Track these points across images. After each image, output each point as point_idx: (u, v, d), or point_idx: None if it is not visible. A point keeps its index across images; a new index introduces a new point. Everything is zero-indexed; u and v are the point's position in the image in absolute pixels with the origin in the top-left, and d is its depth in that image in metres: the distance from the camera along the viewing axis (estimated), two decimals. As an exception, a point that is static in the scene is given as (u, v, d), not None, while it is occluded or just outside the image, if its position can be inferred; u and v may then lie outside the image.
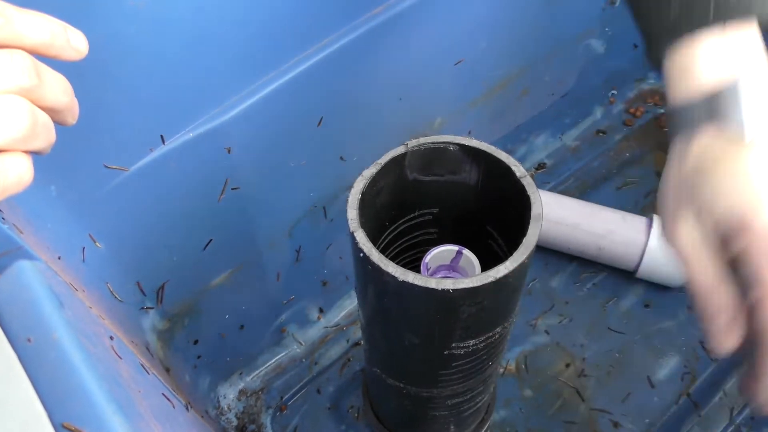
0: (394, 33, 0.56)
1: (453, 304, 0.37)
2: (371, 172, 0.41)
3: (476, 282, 0.35)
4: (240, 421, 0.68)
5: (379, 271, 0.37)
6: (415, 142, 0.42)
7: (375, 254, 0.37)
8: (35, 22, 0.23)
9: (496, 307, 0.40)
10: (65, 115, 0.26)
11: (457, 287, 0.35)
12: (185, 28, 0.44)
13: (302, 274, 0.68)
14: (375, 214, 0.44)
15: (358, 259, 0.39)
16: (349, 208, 0.39)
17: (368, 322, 0.47)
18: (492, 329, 0.42)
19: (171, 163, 0.49)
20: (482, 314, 0.39)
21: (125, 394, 0.32)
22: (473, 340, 0.42)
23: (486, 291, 0.36)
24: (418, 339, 0.42)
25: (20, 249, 0.34)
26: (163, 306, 0.56)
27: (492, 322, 0.41)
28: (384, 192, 0.43)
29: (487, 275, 0.36)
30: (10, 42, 0.23)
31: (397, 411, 0.58)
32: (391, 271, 0.36)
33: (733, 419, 0.66)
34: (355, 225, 0.38)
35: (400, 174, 0.43)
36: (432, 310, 0.39)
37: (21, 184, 0.23)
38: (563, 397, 0.68)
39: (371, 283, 0.40)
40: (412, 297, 0.38)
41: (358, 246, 0.38)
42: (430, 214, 0.48)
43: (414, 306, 0.39)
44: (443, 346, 0.42)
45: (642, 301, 0.75)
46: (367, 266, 0.38)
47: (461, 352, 0.43)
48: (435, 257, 0.45)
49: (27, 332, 0.30)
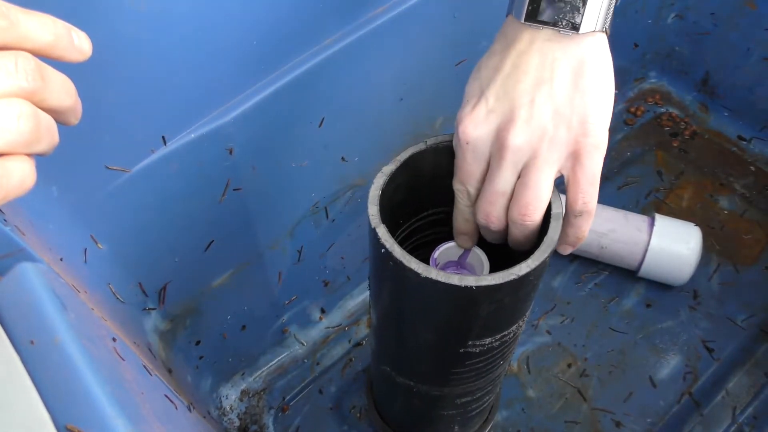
0: (395, 33, 0.56)
1: (474, 302, 0.37)
2: (390, 168, 0.41)
3: (499, 279, 0.36)
4: (242, 422, 0.68)
5: (401, 267, 0.36)
6: (434, 140, 0.42)
7: (397, 250, 0.37)
8: (39, 24, 0.23)
9: (515, 304, 0.40)
10: (68, 116, 0.25)
11: (480, 284, 0.35)
12: (187, 29, 0.44)
13: (304, 275, 0.68)
14: (390, 212, 0.44)
15: (378, 255, 0.39)
16: (369, 204, 0.39)
17: (382, 319, 0.47)
18: (508, 327, 0.42)
19: (172, 164, 0.49)
20: (501, 312, 0.39)
21: (128, 396, 0.32)
22: (489, 338, 0.42)
23: (508, 288, 0.36)
24: (434, 336, 0.42)
25: (22, 251, 0.34)
26: (165, 307, 0.56)
27: (509, 319, 0.41)
28: (401, 189, 0.43)
29: (510, 273, 0.36)
30: (13, 44, 0.23)
31: (404, 410, 0.58)
32: (414, 267, 0.36)
33: (736, 418, 0.66)
34: (377, 221, 0.38)
35: (417, 171, 0.44)
36: (452, 307, 0.39)
37: (23, 187, 0.23)
38: (565, 397, 0.68)
39: (390, 280, 0.40)
40: (433, 293, 0.38)
41: (380, 242, 0.37)
42: (443, 212, 0.48)
43: (434, 302, 0.39)
44: (459, 343, 0.42)
45: (643, 301, 0.75)
46: (388, 262, 0.37)
47: (477, 350, 0.43)
48: (444, 253, 0.45)
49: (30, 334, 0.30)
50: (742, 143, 0.88)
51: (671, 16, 0.88)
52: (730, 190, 0.84)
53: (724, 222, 0.81)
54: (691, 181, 0.85)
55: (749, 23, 0.81)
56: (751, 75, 0.84)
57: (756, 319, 0.73)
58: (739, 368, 0.69)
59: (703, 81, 0.91)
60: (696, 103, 0.92)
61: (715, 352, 0.71)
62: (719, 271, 0.77)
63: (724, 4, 0.82)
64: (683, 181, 0.85)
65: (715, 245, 0.79)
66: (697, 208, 0.82)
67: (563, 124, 0.36)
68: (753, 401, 0.67)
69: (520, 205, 0.38)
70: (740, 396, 0.68)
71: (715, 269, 0.77)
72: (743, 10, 0.81)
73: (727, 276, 0.76)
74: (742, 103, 0.88)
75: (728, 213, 0.82)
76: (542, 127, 0.36)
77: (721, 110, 0.91)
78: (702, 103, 0.92)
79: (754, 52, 0.82)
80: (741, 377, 0.69)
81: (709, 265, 0.77)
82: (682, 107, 0.93)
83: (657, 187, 0.85)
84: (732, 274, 0.76)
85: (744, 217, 0.81)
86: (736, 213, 0.82)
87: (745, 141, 0.88)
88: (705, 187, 0.85)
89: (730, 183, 0.85)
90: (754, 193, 0.84)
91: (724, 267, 0.77)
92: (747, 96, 0.86)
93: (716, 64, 0.88)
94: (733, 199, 0.83)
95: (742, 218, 0.81)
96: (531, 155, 0.37)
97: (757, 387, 0.68)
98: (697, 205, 0.83)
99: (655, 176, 0.86)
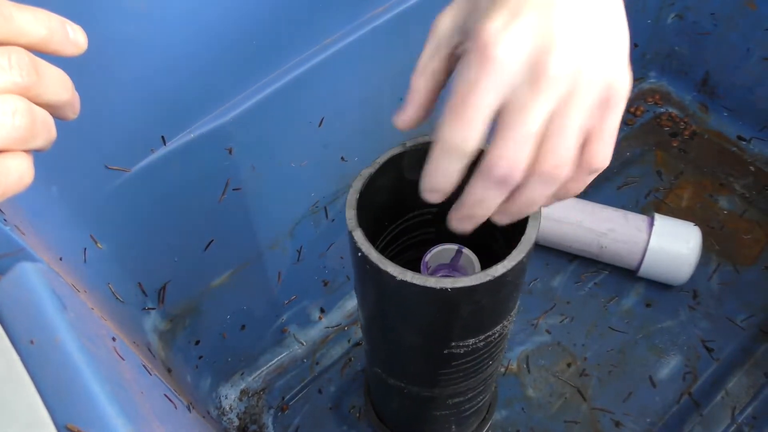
0: (395, 33, 0.56)
1: (452, 303, 0.37)
2: (369, 171, 0.41)
3: (475, 281, 0.35)
4: (241, 422, 0.68)
5: (377, 270, 0.37)
6: (413, 142, 0.42)
7: (373, 253, 0.37)
8: (33, 19, 0.23)
9: (496, 305, 0.40)
10: (66, 111, 0.25)
11: (455, 286, 0.35)
12: (186, 28, 0.44)
13: (303, 274, 0.68)
14: (374, 214, 0.44)
15: (356, 259, 0.39)
16: (347, 208, 0.39)
17: (368, 322, 0.47)
18: (492, 328, 0.42)
19: (172, 164, 0.49)
20: (481, 313, 0.39)
21: (128, 396, 0.32)
22: (473, 339, 0.42)
23: (485, 290, 0.36)
24: (418, 338, 0.42)
25: (22, 250, 0.34)
26: (164, 307, 0.56)
27: (491, 320, 0.41)
28: (383, 191, 0.43)
29: (486, 274, 0.36)
30: (7, 39, 0.22)
31: (399, 411, 0.58)
32: (390, 271, 0.36)
33: (735, 418, 0.66)
34: (353, 224, 0.38)
35: (398, 173, 0.43)
36: (431, 308, 0.39)
37: (21, 184, 0.23)
38: (565, 397, 0.68)
39: (370, 283, 0.40)
40: (411, 296, 0.38)
41: (356, 245, 0.38)
42: (429, 213, 0.48)
43: (413, 305, 0.39)
44: (443, 345, 0.42)
45: (643, 301, 0.75)
46: (365, 266, 0.38)
47: (461, 351, 0.43)
48: (435, 256, 0.45)
49: (30, 334, 0.30)
50: (742, 143, 0.88)
51: (671, 16, 0.88)
52: (729, 190, 0.84)
53: (724, 222, 0.81)
54: (690, 181, 0.85)
55: (749, 23, 0.81)
56: (751, 75, 0.84)
57: (756, 319, 0.73)
58: (738, 368, 0.69)
59: (703, 81, 0.91)
60: (696, 103, 0.92)
61: (714, 352, 0.71)
62: (719, 271, 0.77)
63: (724, 4, 0.82)
64: (683, 181, 0.85)
65: (714, 245, 0.79)
66: (696, 208, 0.82)
67: (602, 63, 0.30)
68: (752, 401, 0.67)
69: (555, 154, 0.30)
70: (740, 396, 0.68)
71: (714, 269, 0.77)
72: (743, 10, 0.81)
73: (727, 276, 0.76)
74: (742, 103, 0.88)
75: (728, 213, 0.82)
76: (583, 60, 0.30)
77: (721, 110, 0.91)
78: (702, 103, 0.92)
79: (754, 53, 0.82)
80: (740, 377, 0.69)
81: (708, 265, 0.77)
82: (682, 107, 0.93)
83: (656, 187, 0.85)
84: (732, 274, 0.76)
85: (744, 217, 0.81)
86: (736, 213, 0.82)
87: (744, 141, 0.88)
88: (705, 187, 0.85)
89: (729, 183, 0.85)
90: (753, 193, 0.84)
91: (723, 267, 0.77)
92: (747, 96, 0.86)
93: (716, 64, 0.88)
94: (732, 199, 0.83)
95: (741, 218, 0.81)
96: (567, 92, 0.30)
97: (757, 387, 0.68)
98: (697, 205, 0.83)
99: (655, 176, 0.86)
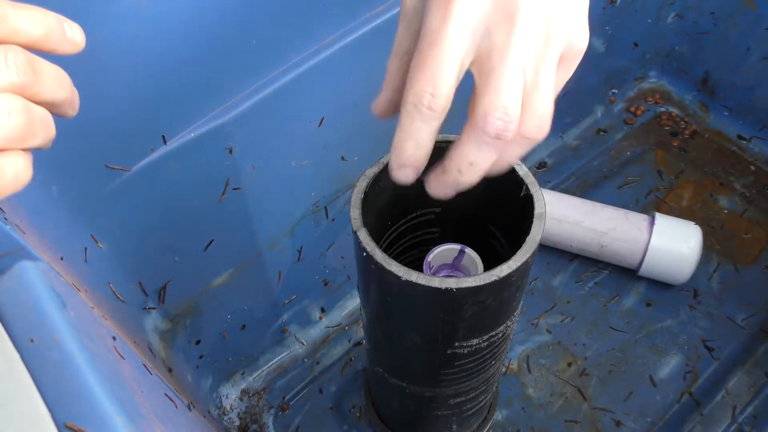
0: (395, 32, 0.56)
1: (456, 303, 0.37)
2: (374, 171, 0.41)
3: (479, 281, 0.35)
4: (242, 421, 0.68)
5: (382, 270, 0.37)
6: None
7: (378, 253, 0.37)
8: (30, 17, 0.23)
9: (499, 306, 0.40)
10: (65, 108, 0.25)
11: (460, 286, 0.35)
12: (187, 28, 0.44)
13: (304, 274, 0.68)
14: (377, 214, 0.44)
15: (360, 259, 0.39)
16: (351, 207, 0.39)
17: (371, 321, 0.47)
18: (495, 328, 0.42)
19: (173, 163, 0.49)
20: (485, 313, 0.39)
21: (128, 395, 0.32)
22: (476, 339, 0.42)
23: (489, 290, 0.36)
24: (420, 338, 0.42)
25: (23, 249, 0.34)
26: (165, 306, 0.56)
27: (495, 321, 0.41)
28: (386, 191, 0.43)
29: (491, 274, 0.36)
30: (4, 38, 0.22)
31: (400, 411, 0.58)
32: (395, 270, 0.36)
33: (736, 418, 0.66)
34: (358, 224, 0.38)
35: None
36: (435, 309, 0.39)
37: (19, 183, 0.23)
38: (565, 396, 0.68)
39: (374, 283, 0.40)
40: (416, 296, 0.37)
41: (361, 245, 0.38)
42: (432, 213, 0.48)
43: (417, 305, 0.39)
44: (446, 345, 0.42)
45: (644, 300, 0.75)
46: (370, 265, 0.38)
47: (464, 351, 0.43)
48: (437, 256, 0.45)
49: (30, 333, 0.30)
50: (742, 143, 0.88)
51: (671, 16, 0.88)
52: (730, 189, 0.84)
53: (724, 221, 0.81)
54: (691, 181, 0.85)
55: (749, 23, 0.81)
56: (751, 75, 0.84)
57: (756, 318, 0.73)
58: (739, 368, 0.69)
59: (703, 80, 0.91)
60: (696, 103, 0.92)
61: (715, 352, 0.71)
62: (719, 270, 0.77)
63: (724, 4, 0.82)
64: (683, 180, 0.85)
65: (715, 244, 0.79)
66: (697, 208, 0.82)
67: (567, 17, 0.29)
68: (753, 401, 0.67)
69: (538, 110, 0.29)
70: (740, 395, 0.68)
71: (715, 268, 0.77)
72: (743, 10, 0.81)
73: (727, 275, 0.76)
74: (742, 102, 0.88)
75: (728, 212, 0.82)
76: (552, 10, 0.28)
77: (721, 110, 0.91)
78: (702, 103, 0.92)
79: (754, 52, 0.82)
80: (741, 377, 0.69)
81: (709, 264, 0.77)
82: (682, 107, 0.93)
83: (657, 186, 0.85)
84: (732, 273, 0.76)
85: (744, 217, 0.81)
86: (736, 212, 0.82)
87: (745, 140, 0.88)
88: (705, 186, 0.85)
89: (730, 182, 0.85)
90: (754, 192, 0.84)
91: (724, 266, 0.77)
92: (747, 96, 0.86)
93: (716, 64, 0.88)
94: (733, 198, 0.83)
95: (742, 218, 0.81)
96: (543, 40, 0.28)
97: (757, 386, 0.68)
98: (697, 204, 0.83)
99: (655, 175, 0.86)
